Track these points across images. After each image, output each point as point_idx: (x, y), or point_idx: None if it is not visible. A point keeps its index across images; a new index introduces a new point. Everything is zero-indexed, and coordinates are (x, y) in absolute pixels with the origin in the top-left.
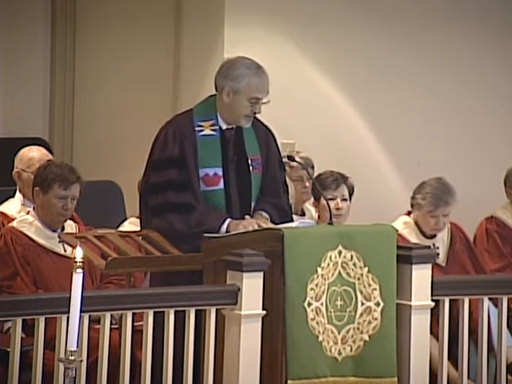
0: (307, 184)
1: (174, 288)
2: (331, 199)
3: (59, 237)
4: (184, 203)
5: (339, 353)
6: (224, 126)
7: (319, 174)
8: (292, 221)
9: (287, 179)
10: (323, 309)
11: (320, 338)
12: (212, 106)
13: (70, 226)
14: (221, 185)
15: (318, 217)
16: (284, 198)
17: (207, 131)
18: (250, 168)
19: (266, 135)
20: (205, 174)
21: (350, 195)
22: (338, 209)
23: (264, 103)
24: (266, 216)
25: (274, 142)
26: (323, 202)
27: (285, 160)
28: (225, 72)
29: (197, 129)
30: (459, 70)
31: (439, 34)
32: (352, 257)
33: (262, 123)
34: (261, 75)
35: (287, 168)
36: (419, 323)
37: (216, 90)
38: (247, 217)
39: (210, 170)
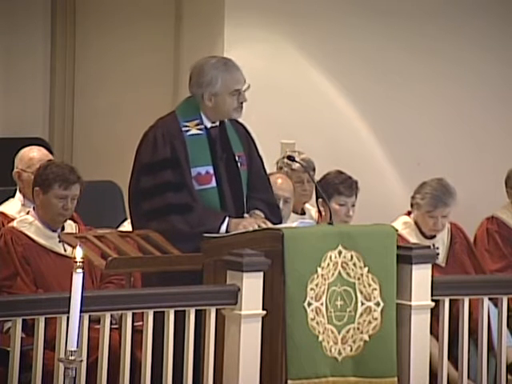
0: (307, 187)
1: (173, 288)
2: (342, 205)
3: (59, 237)
4: (183, 203)
5: (339, 353)
6: (209, 125)
7: (334, 177)
8: (281, 216)
9: (288, 180)
10: (323, 309)
11: (320, 338)
12: (194, 105)
13: (70, 226)
14: (213, 183)
15: (318, 217)
16: (271, 193)
17: (194, 131)
18: (239, 164)
19: (243, 132)
20: (197, 173)
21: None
22: (347, 216)
23: (245, 90)
24: (262, 215)
25: (251, 139)
26: (334, 206)
27: (285, 160)
28: (197, 81)
29: (183, 129)
30: (460, 70)
31: (439, 34)
32: (352, 257)
33: (237, 121)
34: (231, 69)
35: (288, 169)
36: (419, 323)
37: (195, 97)
38: (246, 216)
39: (202, 169)
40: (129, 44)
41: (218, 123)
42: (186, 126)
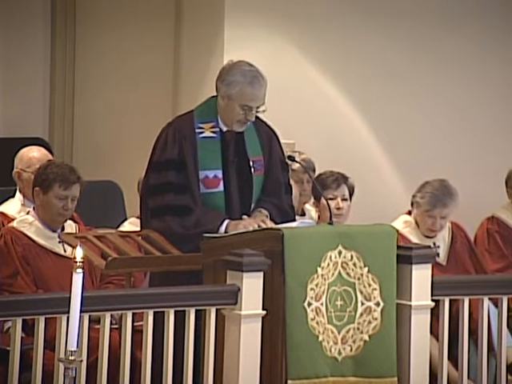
0: (307, 187)
1: (174, 288)
2: (332, 199)
3: (59, 237)
4: (182, 206)
5: (339, 353)
6: (224, 128)
7: (320, 174)
8: (294, 221)
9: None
10: (323, 309)
11: (320, 338)
12: (213, 107)
13: (70, 226)
14: (220, 187)
15: (318, 217)
16: (285, 199)
17: (207, 133)
18: (252, 170)
19: (269, 136)
20: (205, 176)
21: (351, 195)
22: (338, 208)
23: (259, 112)
24: (266, 213)
25: (277, 143)
26: (323, 201)
27: (286, 160)
28: (222, 75)
29: (197, 130)
30: (460, 70)
31: (440, 34)
32: (352, 257)
33: (266, 124)
34: (254, 85)
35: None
36: (419, 323)
37: (216, 91)
38: (245, 217)
39: (210, 173)
40: (129, 44)
41: None
42: (201, 128)
